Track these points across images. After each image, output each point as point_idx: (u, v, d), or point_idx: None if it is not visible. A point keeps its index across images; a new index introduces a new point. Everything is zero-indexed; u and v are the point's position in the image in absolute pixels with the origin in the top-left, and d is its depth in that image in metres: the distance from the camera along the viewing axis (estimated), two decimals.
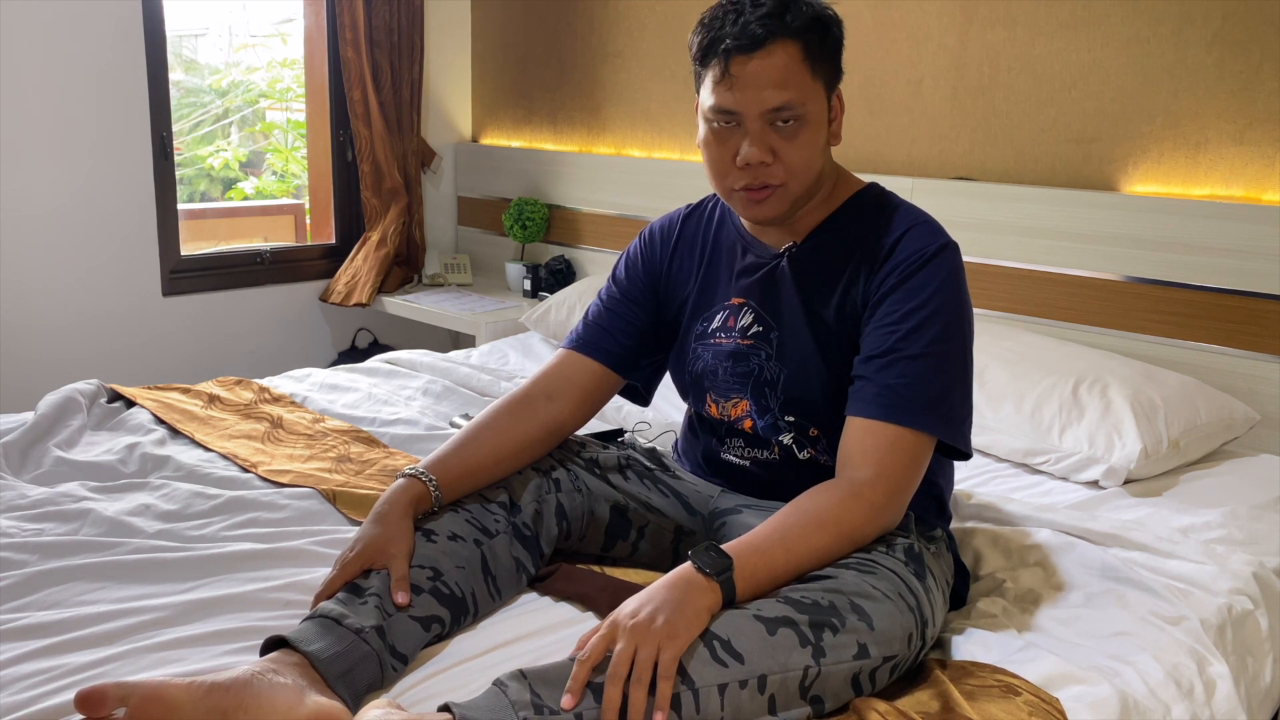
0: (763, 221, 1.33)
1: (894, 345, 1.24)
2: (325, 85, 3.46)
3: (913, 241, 1.28)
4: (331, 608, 1.12)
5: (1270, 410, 2.02)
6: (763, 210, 1.29)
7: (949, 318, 1.25)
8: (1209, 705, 1.18)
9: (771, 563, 1.12)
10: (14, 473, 1.64)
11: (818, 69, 1.24)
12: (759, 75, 1.21)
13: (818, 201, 1.36)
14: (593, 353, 1.46)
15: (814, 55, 1.23)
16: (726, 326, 1.40)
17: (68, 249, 2.90)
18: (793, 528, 1.15)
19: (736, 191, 1.29)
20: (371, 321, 3.62)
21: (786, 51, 1.21)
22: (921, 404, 1.22)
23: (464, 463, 1.33)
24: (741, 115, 1.23)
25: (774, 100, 1.21)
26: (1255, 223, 2.01)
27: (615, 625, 1.01)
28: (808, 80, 1.23)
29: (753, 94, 1.21)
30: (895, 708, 1.04)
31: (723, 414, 1.41)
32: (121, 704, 0.94)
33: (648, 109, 3.18)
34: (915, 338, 1.23)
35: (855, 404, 1.25)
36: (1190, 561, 1.44)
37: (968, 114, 2.47)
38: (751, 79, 1.21)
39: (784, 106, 1.22)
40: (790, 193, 1.28)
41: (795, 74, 1.22)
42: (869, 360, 1.26)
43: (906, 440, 1.21)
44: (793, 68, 1.21)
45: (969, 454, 1.30)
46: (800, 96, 1.22)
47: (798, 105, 1.22)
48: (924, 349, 1.23)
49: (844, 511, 1.17)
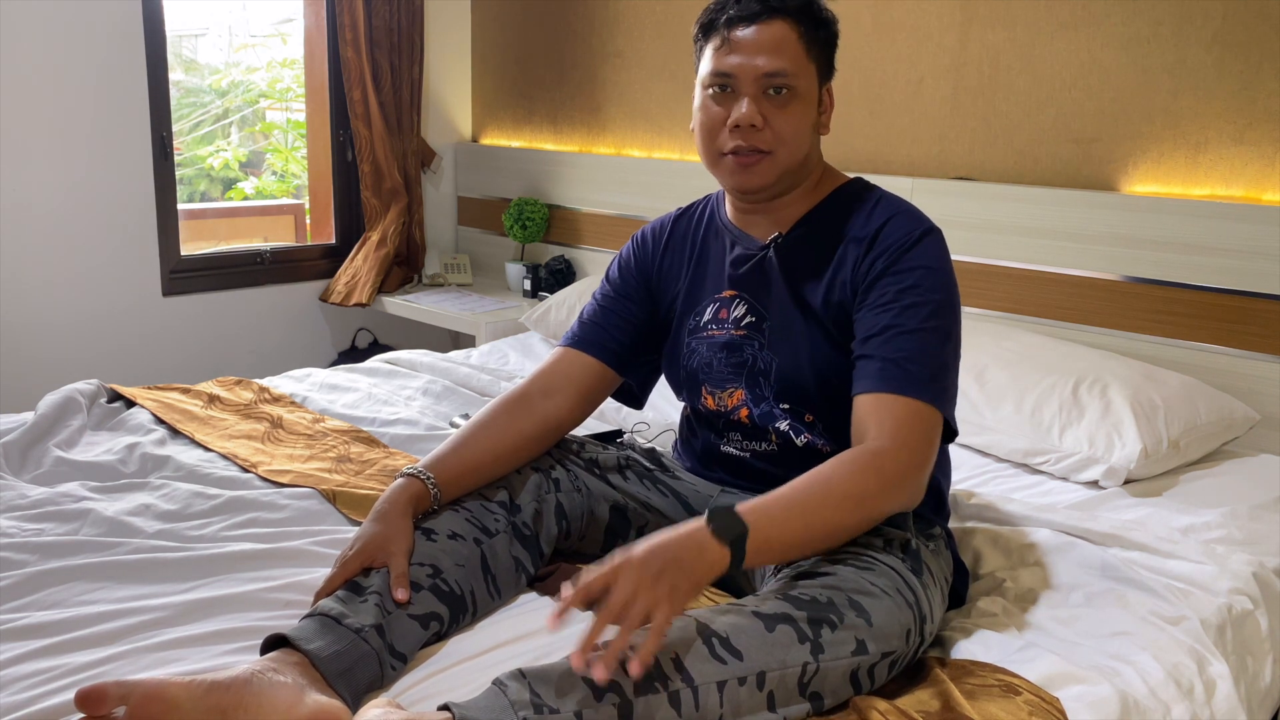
0: (749, 191, 1.35)
1: (891, 322, 1.26)
2: (325, 85, 3.46)
3: (898, 228, 1.31)
4: (331, 606, 1.12)
5: (1270, 410, 2.02)
6: (750, 177, 1.32)
7: (940, 296, 1.28)
8: (1209, 705, 1.18)
9: (786, 534, 1.12)
10: (14, 473, 1.64)
11: (811, 51, 1.31)
12: (756, 42, 1.28)
13: (804, 192, 1.39)
14: (589, 349, 1.47)
15: (809, 38, 1.30)
16: (719, 318, 1.42)
17: (68, 249, 2.90)
18: (811, 499, 1.15)
19: (725, 156, 1.32)
20: (371, 321, 3.62)
21: (783, 26, 1.29)
22: (924, 377, 1.23)
23: (462, 461, 1.34)
24: (737, 79, 1.29)
25: (769, 65, 1.28)
26: (1255, 223, 2.01)
27: (621, 566, 1.01)
28: (802, 57, 1.30)
29: (749, 59, 1.28)
30: (895, 706, 1.05)
31: (719, 405, 1.42)
32: (121, 703, 0.94)
33: (648, 109, 3.18)
34: (910, 314, 1.26)
35: (862, 381, 1.26)
36: (1190, 561, 1.44)
37: (968, 114, 2.47)
38: (749, 45, 1.29)
39: (778, 73, 1.28)
40: (778, 163, 1.31)
41: (790, 47, 1.29)
42: (868, 340, 1.27)
43: (920, 411, 1.22)
44: (788, 41, 1.29)
45: (956, 431, 1.31)
46: (794, 68, 1.29)
47: (790, 76, 1.28)
48: (920, 324, 1.25)
49: (863, 484, 1.17)
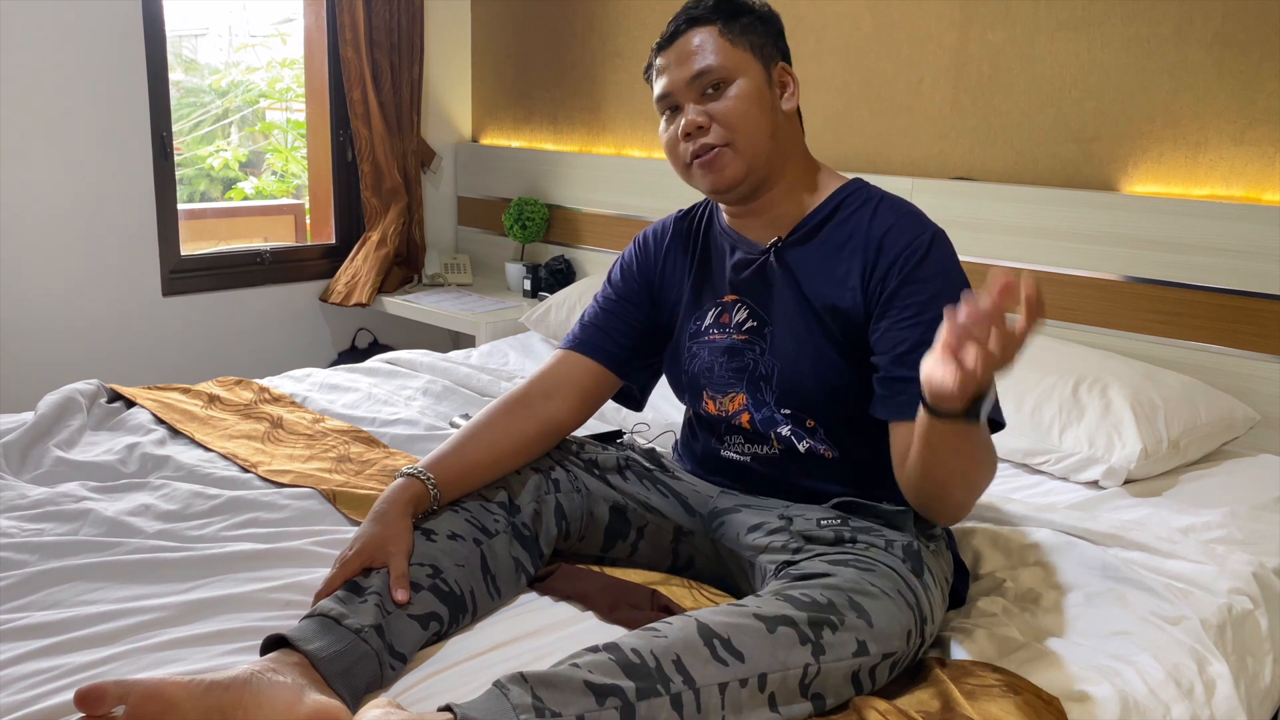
0: (724, 189, 1.35)
1: (921, 338, 1.23)
2: (325, 85, 3.46)
3: (904, 233, 1.30)
4: (331, 606, 1.12)
5: (1270, 410, 2.02)
6: (719, 175, 1.34)
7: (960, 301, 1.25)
8: (1209, 705, 1.18)
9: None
10: (14, 473, 1.64)
11: (738, 40, 1.34)
12: (679, 55, 1.34)
13: (795, 191, 1.38)
14: (590, 352, 1.47)
15: (730, 29, 1.33)
16: (720, 323, 1.42)
17: (68, 249, 2.90)
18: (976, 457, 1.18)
19: (690, 166, 1.36)
20: (371, 321, 3.62)
21: (700, 32, 1.34)
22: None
23: (462, 462, 1.34)
24: (674, 94, 1.35)
25: (692, 68, 1.33)
26: (1255, 223, 2.01)
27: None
28: (726, 48, 1.33)
29: (675, 72, 1.34)
30: (895, 707, 1.05)
31: (720, 410, 1.42)
32: (120, 702, 0.94)
33: (648, 109, 3.18)
34: (935, 328, 1.23)
35: (897, 408, 1.25)
36: (1190, 561, 1.44)
37: (968, 114, 2.47)
38: (674, 61, 1.35)
39: (703, 72, 1.32)
40: (740, 152, 1.32)
41: (711, 46, 1.33)
42: (901, 358, 1.25)
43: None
44: (708, 42, 1.33)
45: (1004, 424, 1.30)
46: (719, 61, 1.32)
47: (717, 69, 1.32)
48: None
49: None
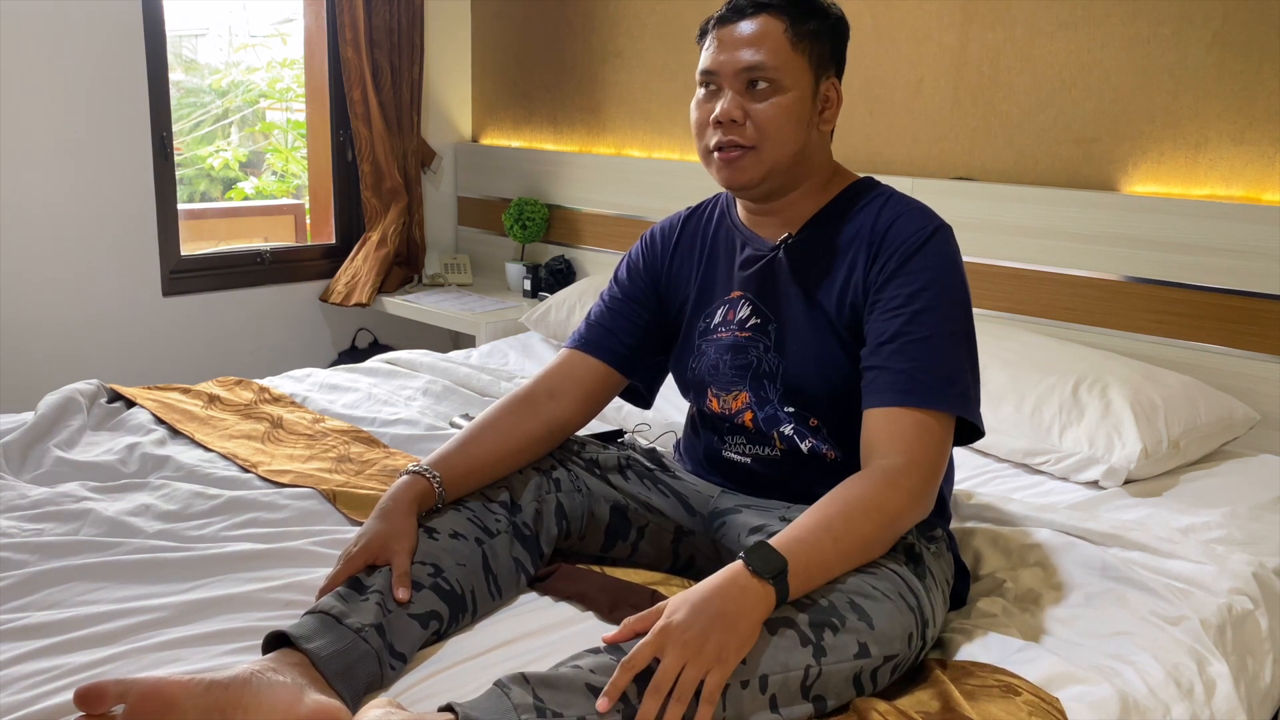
0: (736, 187, 1.34)
1: (901, 329, 1.24)
2: (325, 85, 3.46)
3: (906, 226, 1.30)
4: (332, 604, 1.12)
5: (1270, 410, 2.02)
6: (735, 173, 1.32)
7: (951, 297, 1.27)
8: (1209, 705, 1.18)
9: (823, 557, 1.10)
10: (14, 473, 1.64)
11: (800, 44, 1.29)
12: (739, 38, 1.29)
13: (812, 192, 1.37)
14: (595, 351, 1.47)
15: (798, 31, 1.29)
16: (726, 320, 1.41)
17: (68, 249, 2.90)
18: (835, 517, 1.13)
19: (712, 152, 1.33)
20: (371, 321, 3.62)
21: (768, 20, 1.28)
22: (937, 385, 1.22)
23: (467, 460, 1.34)
24: (719, 75, 1.30)
25: (747, 60, 1.28)
26: (1255, 223, 2.01)
27: (664, 635, 0.99)
28: (786, 50, 1.28)
29: (729, 54, 1.29)
30: (895, 707, 1.04)
31: (723, 408, 1.42)
32: (120, 701, 0.94)
33: (648, 109, 3.18)
34: (921, 320, 1.24)
35: (872, 395, 1.25)
36: (1190, 561, 1.44)
37: (968, 114, 2.47)
38: (732, 41, 1.29)
39: (756, 67, 1.27)
40: (763, 160, 1.30)
41: (773, 41, 1.28)
42: (879, 348, 1.26)
43: (930, 423, 1.21)
44: (771, 35, 1.28)
45: (983, 431, 1.30)
46: (774, 61, 1.27)
47: (771, 69, 1.27)
48: (931, 330, 1.24)
49: (884, 499, 1.16)
